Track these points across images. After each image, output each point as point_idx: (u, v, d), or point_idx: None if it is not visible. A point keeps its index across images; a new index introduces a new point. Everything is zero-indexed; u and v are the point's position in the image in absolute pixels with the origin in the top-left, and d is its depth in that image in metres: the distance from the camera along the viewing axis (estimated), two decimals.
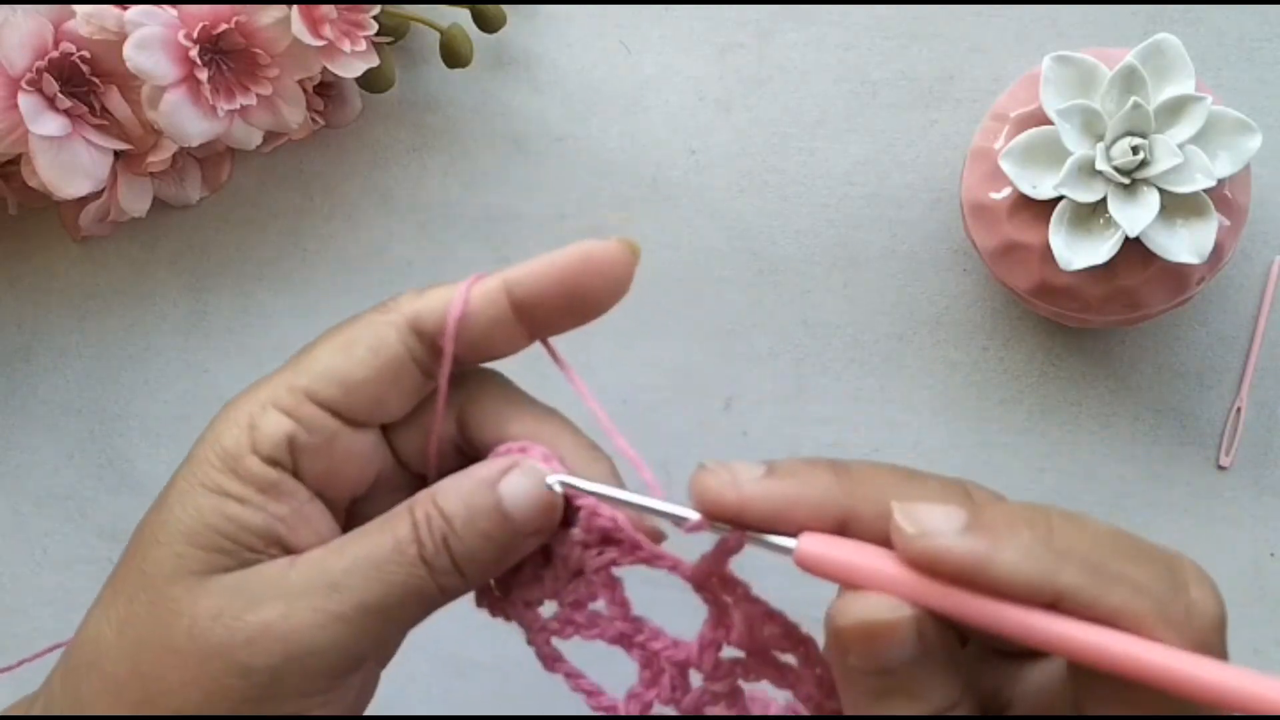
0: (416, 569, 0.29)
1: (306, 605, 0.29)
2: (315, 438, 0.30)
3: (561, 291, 0.31)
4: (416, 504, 0.30)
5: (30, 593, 0.52)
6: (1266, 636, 0.49)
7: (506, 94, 0.51)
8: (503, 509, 0.30)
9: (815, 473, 0.28)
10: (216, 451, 0.30)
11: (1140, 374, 0.50)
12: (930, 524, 0.26)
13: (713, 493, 0.28)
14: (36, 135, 0.44)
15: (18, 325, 0.53)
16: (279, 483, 0.30)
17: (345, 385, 0.30)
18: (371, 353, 0.30)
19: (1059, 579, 0.25)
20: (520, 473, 0.30)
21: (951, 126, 0.50)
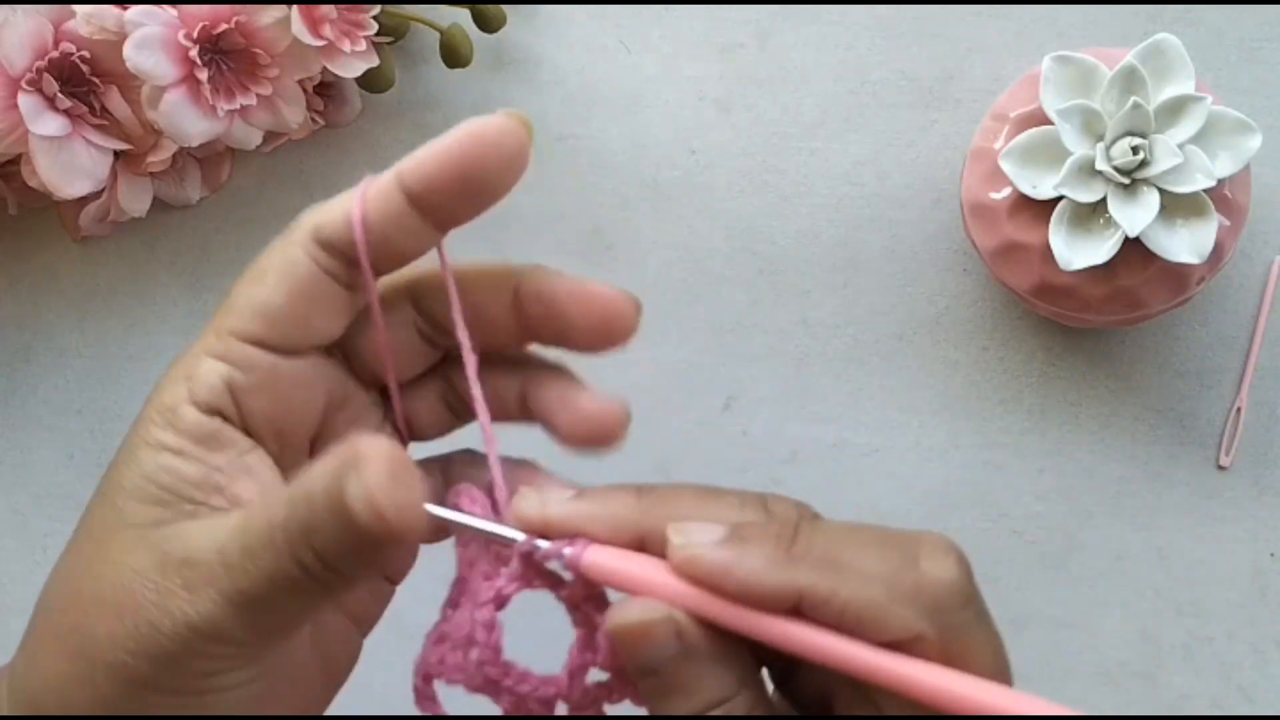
0: (282, 559, 0.27)
1: (202, 578, 0.28)
2: (251, 376, 0.30)
3: (455, 174, 0.29)
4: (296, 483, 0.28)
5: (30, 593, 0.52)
6: (1266, 636, 0.49)
7: (506, 94, 0.51)
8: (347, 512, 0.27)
9: (617, 495, 0.30)
10: (157, 407, 0.30)
11: (1140, 374, 0.50)
12: (694, 537, 0.28)
13: (522, 513, 0.30)
14: (36, 135, 0.44)
15: (18, 325, 0.53)
16: (216, 432, 0.30)
17: (266, 315, 0.30)
18: (281, 276, 0.30)
19: (796, 581, 0.27)
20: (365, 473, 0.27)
21: (951, 126, 0.50)
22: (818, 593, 0.27)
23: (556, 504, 0.30)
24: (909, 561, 0.28)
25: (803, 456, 0.50)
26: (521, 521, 0.31)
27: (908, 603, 0.27)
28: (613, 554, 0.30)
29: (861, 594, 0.27)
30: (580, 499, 0.30)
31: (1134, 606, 0.50)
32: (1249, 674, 0.49)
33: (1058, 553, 0.50)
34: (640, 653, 0.29)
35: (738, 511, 0.30)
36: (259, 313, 0.30)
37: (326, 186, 0.52)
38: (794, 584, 0.27)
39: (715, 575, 0.28)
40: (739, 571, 0.28)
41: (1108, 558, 0.50)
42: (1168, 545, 0.50)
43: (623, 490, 0.30)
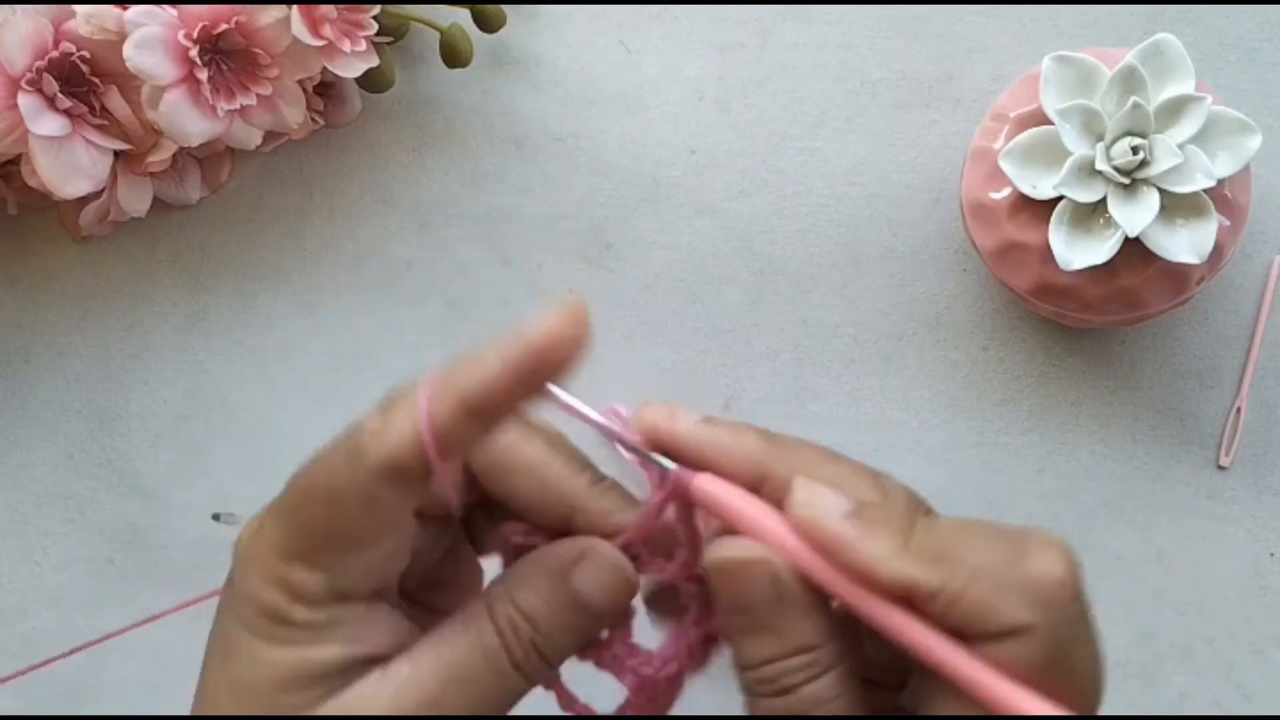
0: (507, 676, 0.30)
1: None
2: (351, 575, 0.30)
3: (518, 393, 0.28)
4: (494, 605, 0.31)
5: (30, 593, 0.52)
6: (1266, 636, 0.49)
7: (506, 94, 0.51)
8: (581, 601, 0.31)
9: (745, 433, 0.31)
10: (261, 609, 0.30)
11: (1140, 374, 0.50)
12: (820, 500, 0.29)
13: (651, 421, 0.31)
14: (36, 135, 0.44)
15: (18, 325, 0.53)
16: (335, 617, 0.30)
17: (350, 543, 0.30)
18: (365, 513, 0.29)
19: (910, 574, 0.28)
20: (592, 564, 0.31)
21: (951, 126, 0.50)
22: (928, 587, 0.28)
23: (685, 421, 0.31)
24: (1018, 555, 0.28)
25: None
26: (646, 428, 0.31)
27: (1016, 594, 0.27)
28: (728, 486, 0.30)
29: (971, 586, 0.27)
30: (709, 425, 0.31)
31: (1134, 606, 0.50)
32: (1249, 674, 0.49)
33: None
34: (734, 590, 0.29)
35: (854, 482, 0.30)
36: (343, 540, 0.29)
37: (326, 186, 0.52)
38: (908, 577, 0.28)
39: (833, 545, 0.28)
40: (860, 551, 0.28)
41: (1108, 558, 0.50)
42: (1168, 545, 0.50)
43: (750, 429, 0.31)
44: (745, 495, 0.30)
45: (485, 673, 0.30)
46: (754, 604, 0.29)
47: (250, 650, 0.30)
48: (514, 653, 0.30)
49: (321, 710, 0.30)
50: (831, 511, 0.29)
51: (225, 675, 0.31)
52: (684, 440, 0.31)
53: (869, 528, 0.28)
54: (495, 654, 0.30)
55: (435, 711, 0.29)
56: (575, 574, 0.31)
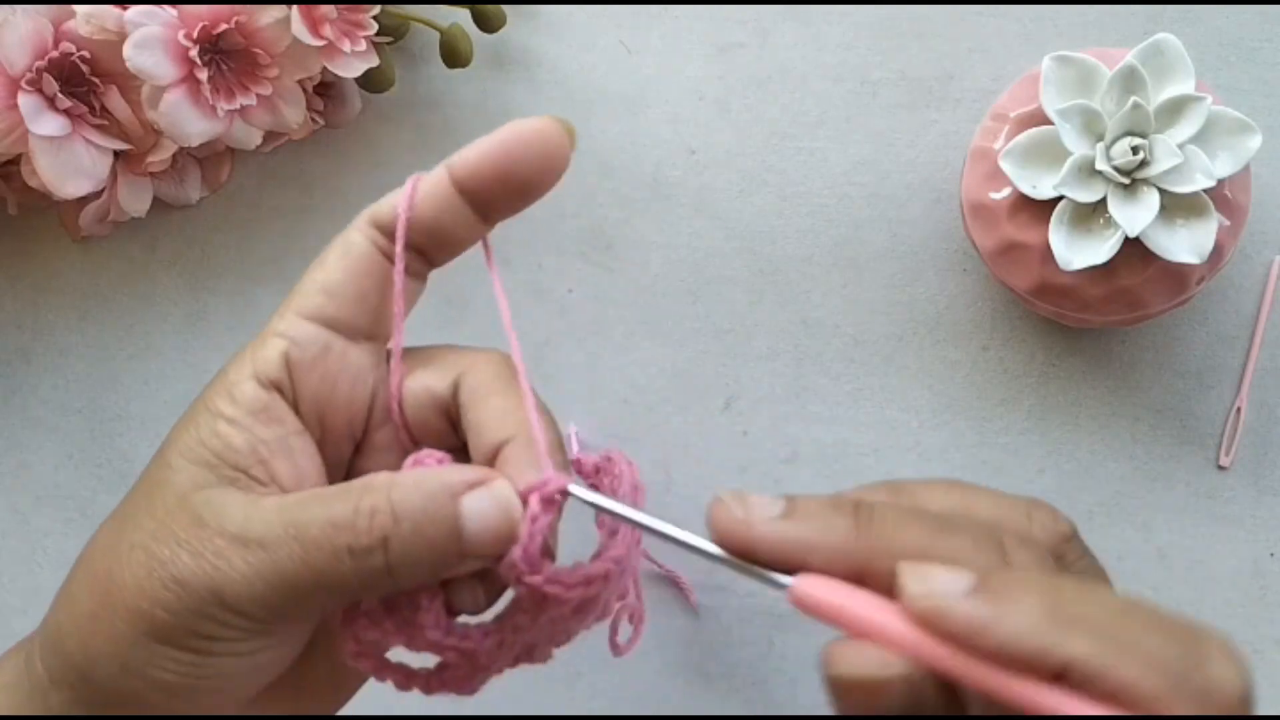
0: (340, 559, 0.29)
1: (237, 554, 0.29)
2: (308, 350, 0.32)
3: (500, 169, 0.32)
4: (369, 489, 0.30)
5: (30, 593, 0.52)
6: (1266, 636, 0.49)
7: (506, 94, 0.51)
8: (458, 524, 0.29)
9: (835, 518, 0.27)
10: (222, 380, 0.32)
11: (1140, 374, 0.50)
12: (936, 585, 0.25)
13: (725, 527, 0.28)
14: (36, 135, 0.44)
15: (18, 325, 0.53)
16: (269, 406, 0.31)
17: (326, 290, 0.32)
18: (339, 256, 0.32)
19: (1066, 648, 0.24)
20: (487, 493, 0.30)
21: (951, 126, 0.50)
22: (1090, 666, 0.24)
23: (764, 522, 0.27)
24: (1200, 659, 0.24)
25: (803, 456, 0.50)
26: (722, 535, 0.28)
27: (1195, 703, 0.24)
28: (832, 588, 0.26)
29: (1144, 680, 0.24)
30: (792, 520, 0.27)
31: None
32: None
33: None
34: (866, 705, 0.26)
35: (972, 551, 0.27)
36: (320, 289, 0.32)
37: (326, 186, 0.52)
38: (1065, 652, 0.24)
39: (966, 634, 0.25)
40: (1000, 631, 0.24)
41: (1108, 558, 0.49)
42: (1168, 545, 0.50)
43: (837, 509, 0.28)
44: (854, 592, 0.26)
45: (320, 542, 0.29)
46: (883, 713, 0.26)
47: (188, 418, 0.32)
48: (358, 537, 0.29)
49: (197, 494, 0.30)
50: (953, 593, 0.25)
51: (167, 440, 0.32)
52: (766, 548, 0.27)
53: (1004, 601, 0.25)
54: (339, 529, 0.29)
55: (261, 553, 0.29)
56: (466, 495, 0.29)
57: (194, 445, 0.31)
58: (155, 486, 0.31)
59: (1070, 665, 0.24)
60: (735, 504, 0.28)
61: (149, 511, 0.31)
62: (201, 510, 0.30)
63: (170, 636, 0.29)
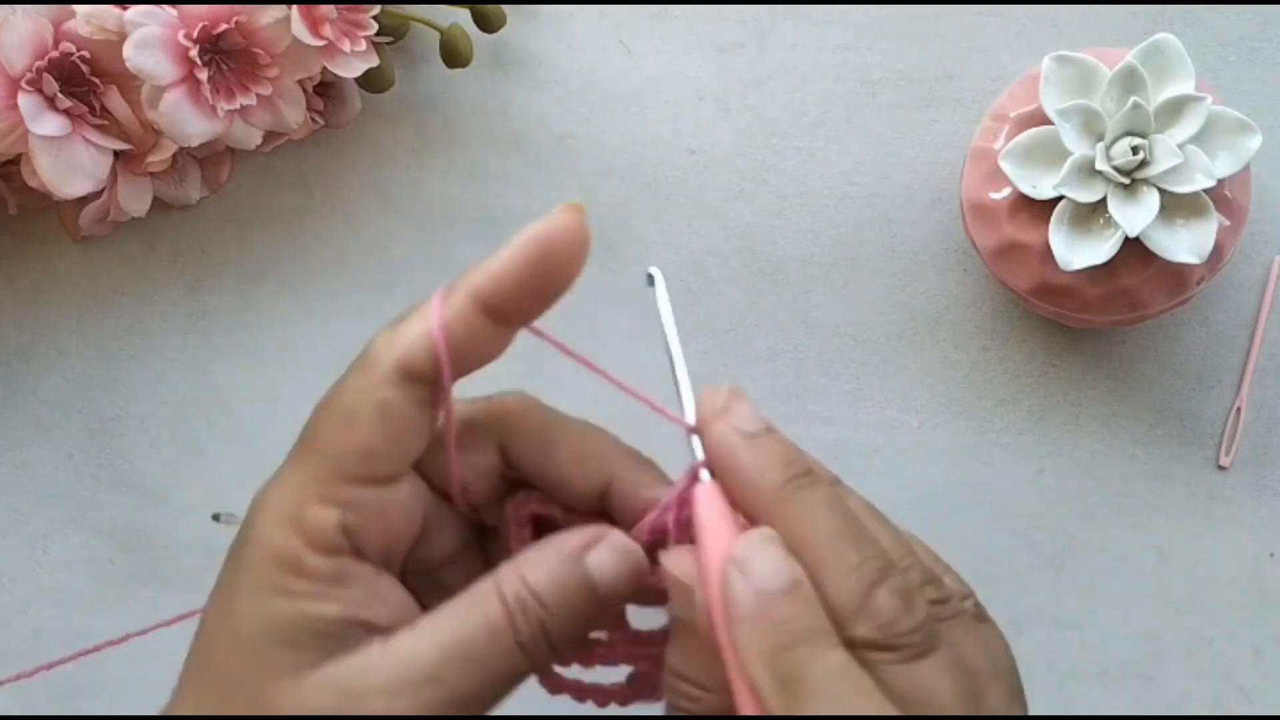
0: (513, 656, 0.30)
1: (409, 701, 0.29)
2: (363, 514, 0.30)
3: (529, 283, 0.30)
4: (504, 582, 0.30)
5: (30, 593, 0.52)
6: (1266, 636, 0.49)
7: (506, 94, 0.51)
8: (592, 584, 0.31)
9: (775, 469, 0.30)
10: (271, 556, 0.30)
11: (1140, 374, 0.50)
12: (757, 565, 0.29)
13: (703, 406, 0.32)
14: (36, 135, 0.44)
15: (18, 325, 0.53)
16: (343, 570, 0.30)
17: (369, 458, 0.30)
18: (377, 419, 0.30)
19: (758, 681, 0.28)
20: (607, 547, 0.31)
21: (951, 126, 0.50)
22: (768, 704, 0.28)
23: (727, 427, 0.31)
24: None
25: None
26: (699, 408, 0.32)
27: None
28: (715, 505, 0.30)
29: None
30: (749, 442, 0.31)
31: (1134, 606, 0.50)
32: (1249, 674, 0.49)
33: (1058, 553, 0.50)
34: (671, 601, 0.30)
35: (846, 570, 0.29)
36: (360, 457, 0.30)
37: (326, 186, 0.52)
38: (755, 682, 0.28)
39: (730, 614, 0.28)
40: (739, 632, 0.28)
41: (1108, 558, 0.50)
42: (1168, 545, 0.50)
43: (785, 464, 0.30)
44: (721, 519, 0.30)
45: (489, 650, 0.30)
46: (675, 617, 0.30)
47: (252, 600, 0.29)
48: (520, 631, 0.30)
49: (317, 674, 0.29)
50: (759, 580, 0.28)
51: (221, 626, 0.30)
52: (713, 441, 0.31)
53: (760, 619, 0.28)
54: (501, 631, 0.30)
55: (435, 686, 0.29)
56: (588, 556, 0.31)
57: (281, 630, 0.29)
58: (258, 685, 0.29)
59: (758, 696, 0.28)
60: (723, 396, 0.32)
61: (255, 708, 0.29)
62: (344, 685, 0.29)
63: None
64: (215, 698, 0.30)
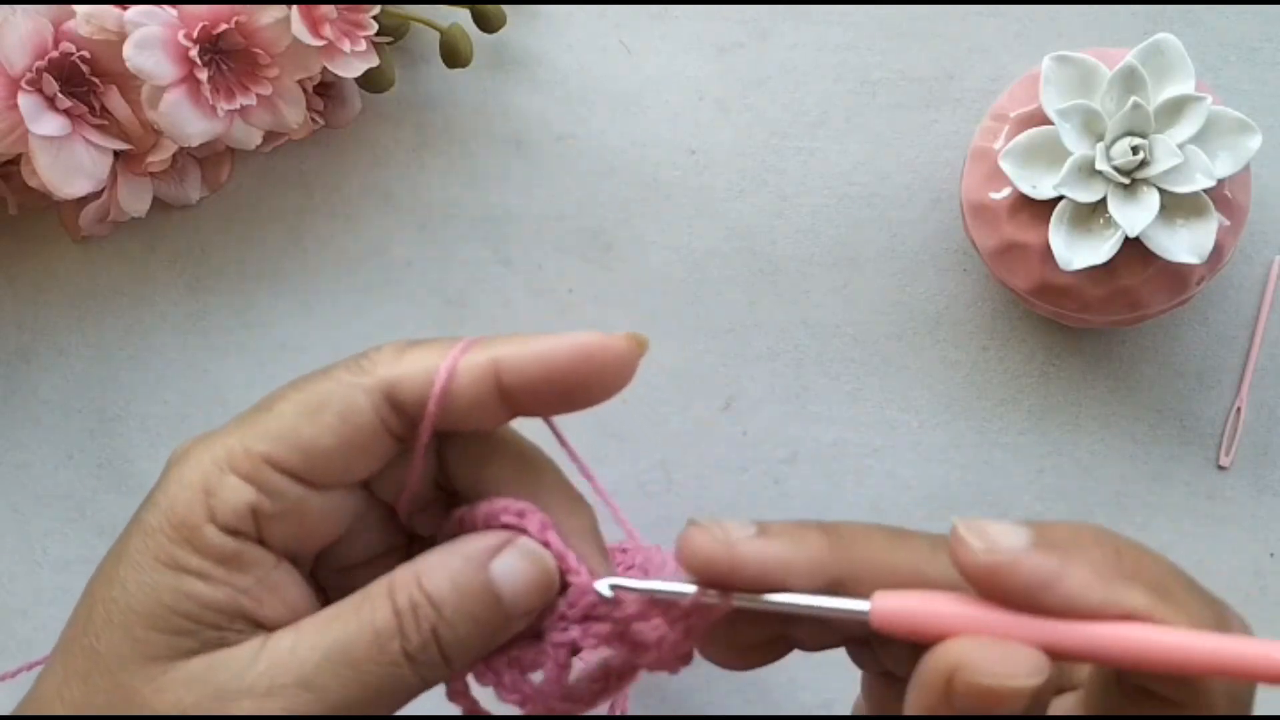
0: (398, 666, 0.27)
1: (277, 705, 0.26)
2: (279, 504, 0.28)
3: (557, 383, 0.28)
4: (397, 587, 0.28)
5: (30, 593, 0.52)
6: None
7: (506, 94, 0.51)
8: (495, 591, 0.28)
9: (807, 533, 0.27)
10: (170, 519, 0.28)
11: (1140, 374, 0.50)
12: (998, 539, 0.25)
13: (707, 550, 0.27)
14: (36, 135, 0.44)
15: (18, 325, 0.53)
16: (241, 553, 0.28)
17: (309, 452, 0.28)
18: (340, 419, 0.28)
19: (1128, 600, 0.24)
20: (515, 552, 0.28)
21: (951, 126, 0.50)
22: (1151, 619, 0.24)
23: (743, 542, 0.27)
24: (1225, 624, 0.26)
25: (803, 456, 0.50)
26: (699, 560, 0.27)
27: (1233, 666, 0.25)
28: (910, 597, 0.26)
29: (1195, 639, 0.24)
30: (767, 538, 0.27)
31: None
32: None
33: None
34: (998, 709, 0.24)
35: (929, 552, 0.27)
36: (302, 449, 0.28)
37: (326, 186, 0.52)
38: (1124, 602, 0.24)
39: (1037, 585, 0.24)
40: (1064, 586, 0.24)
41: None
42: (1168, 545, 0.50)
43: (804, 527, 0.28)
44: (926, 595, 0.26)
45: (372, 657, 0.27)
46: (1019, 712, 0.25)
47: (138, 570, 0.27)
48: (409, 639, 0.27)
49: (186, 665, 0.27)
50: (1017, 547, 0.25)
51: (101, 592, 0.28)
52: (747, 568, 0.27)
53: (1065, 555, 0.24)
54: (387, 638, 0.27)
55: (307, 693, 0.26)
56: (494, 561, 0.28)
57: (162, 612, 0.27)
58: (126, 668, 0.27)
59: (1131, 617, 0.24)
60: (713, 528, 0.27)
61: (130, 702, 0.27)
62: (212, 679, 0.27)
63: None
64: (80, 677, 0.28)
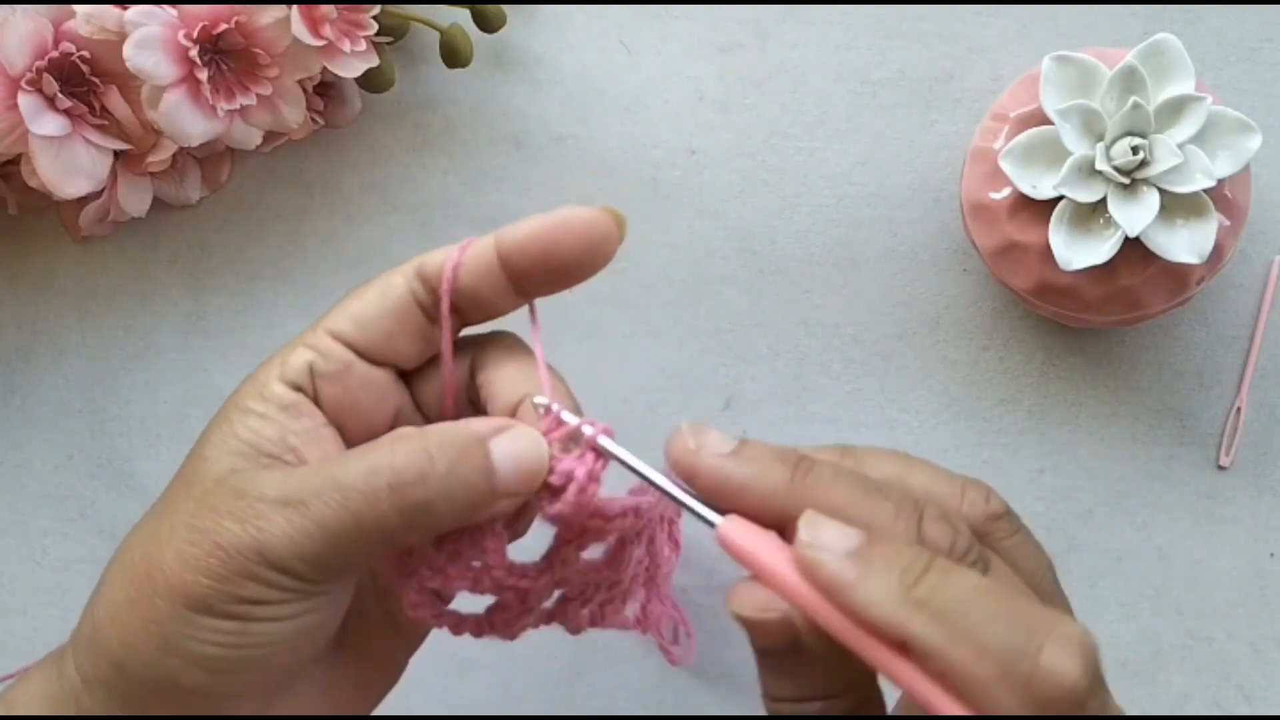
0: (381, 501, 0.30)
1: (280, 514, 0.30)
2: (331, 365, 0.33)
3: (544, 253, 0.32)
4: (401, 436, 0.31)
5: (30, 593, 0.52)
6: (1266, 636, 0.49)
7: (506, 94, 0.51)
8: (489, 463, 0.31)
9: (775, 465, 0.30)
10: (252, 381, 0.33)
11: (1140, 374, 0.50)
12: (824, 539, 0.28)
13: (675, 454, 0.31)
14: (36, 135, 0.44)
15: (18, 325, 0.53)
16: (297, 403, 0.33)
17: (357, 320, 0.33)
18: (380, 294, 0.33)
19: (908, 626, 0.27)
20: (515, 434, 0.31)
21: (951, 126, 0.50)
22: (926, 645, 0.26)
23: (711, 455, 0.30)
24: (1032, 642, 0.26)
25: None
26: (672, 460, 0.31)
27: (1015, 692, 0.26)
28: (748, 534, 0.29)
29: (970, 666, 0.26)
30: (736, 459, 0.30)
31: (1134, 606, 0.50)
32: (1249, 674, 0.49)
33: (1058, 553, 0.49)
34: (757, 638, 0.30)
35: (891, 518, 0.29)
36: (352, 318, 0.33)
37: (326, 186, 0.52)
38: (904, 628, 0.27)
39: (832, 587, 0.28)
40: (856, 594, 0.27)
41: (1108, 558, 0.50)
42: (1168, 545, 0.50)
43: (780, 458, 0.30)
44: (766, 541, 0.29)
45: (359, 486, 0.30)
46: (772, 652, 0.30)
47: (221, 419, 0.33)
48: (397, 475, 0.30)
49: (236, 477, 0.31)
50: (834, 550, 0.28)
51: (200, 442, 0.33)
52: (706, 476, 0.30)
53: (869, 568, 0.28)
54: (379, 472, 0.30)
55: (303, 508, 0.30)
56: (495, 439, 0.31)
57: (227, 438, 0.32)
58: (191, 478, 0.32)
59: (910, 641, 0.27)
60: (691, 435, 0.31)
61: (186, 495, 0.32)
62: (241, 484, 0.31)
63: (212, 605, 0.30)
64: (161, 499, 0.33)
